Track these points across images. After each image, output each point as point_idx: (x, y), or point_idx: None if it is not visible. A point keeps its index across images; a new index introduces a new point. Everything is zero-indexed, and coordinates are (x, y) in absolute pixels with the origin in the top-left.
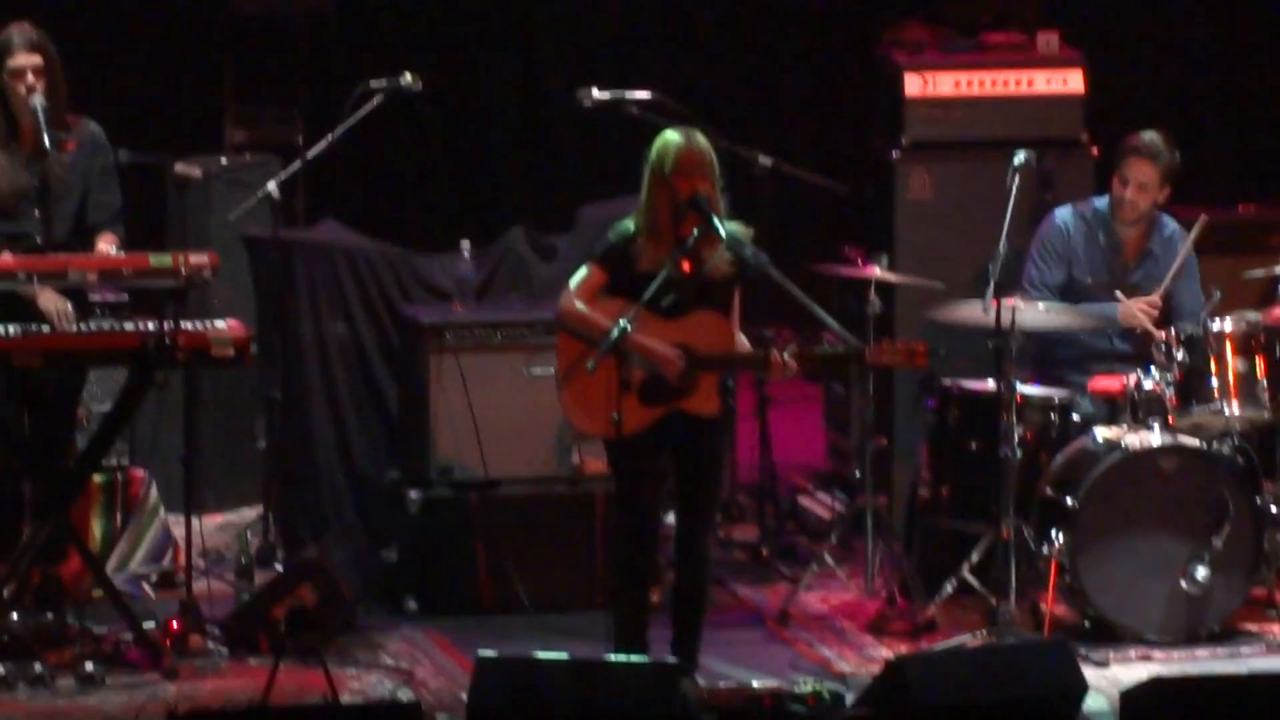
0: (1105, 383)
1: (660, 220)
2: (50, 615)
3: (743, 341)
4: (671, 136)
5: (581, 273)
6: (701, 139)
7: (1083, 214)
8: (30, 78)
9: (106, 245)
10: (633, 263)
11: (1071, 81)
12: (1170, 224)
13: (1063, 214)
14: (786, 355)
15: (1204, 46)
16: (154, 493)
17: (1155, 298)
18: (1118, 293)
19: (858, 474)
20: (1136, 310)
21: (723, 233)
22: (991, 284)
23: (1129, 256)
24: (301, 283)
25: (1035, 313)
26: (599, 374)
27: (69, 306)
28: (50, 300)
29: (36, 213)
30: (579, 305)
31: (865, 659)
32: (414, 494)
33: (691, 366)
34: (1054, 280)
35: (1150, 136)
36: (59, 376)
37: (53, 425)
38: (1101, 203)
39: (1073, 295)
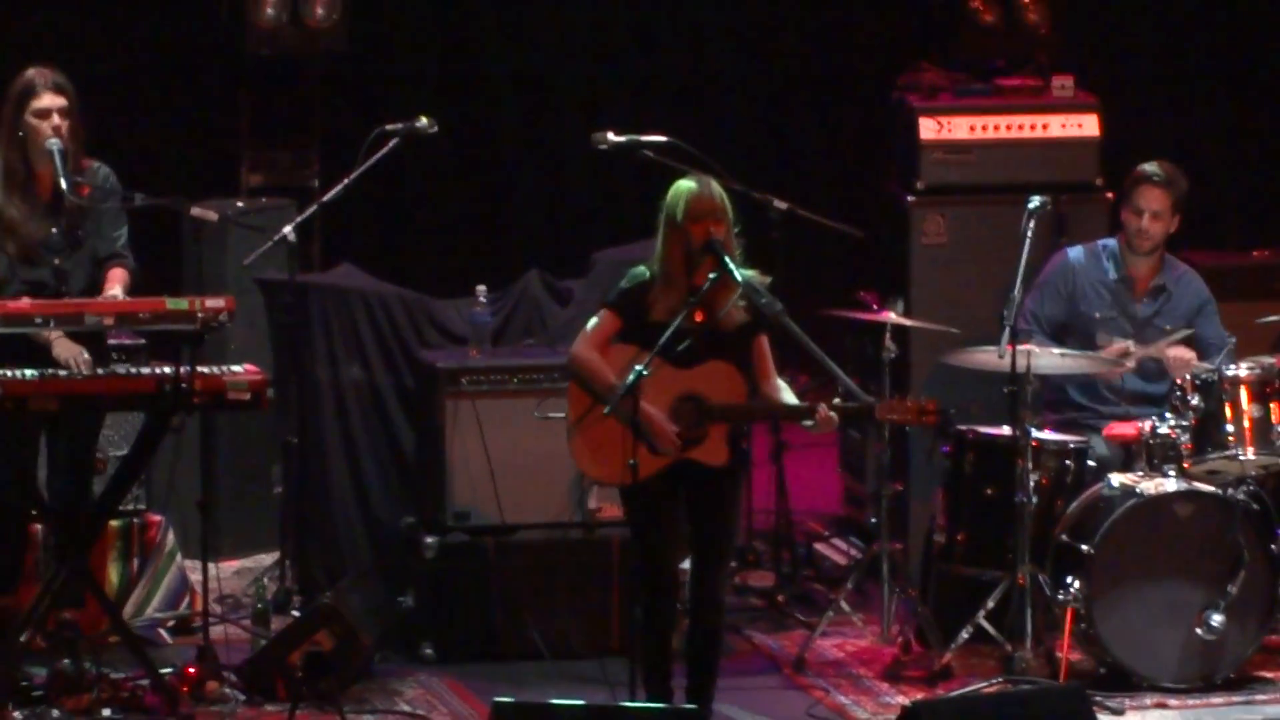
0: (1120, 428)
1: (674, 268)
2: (67, 661)
3: (783, 389)
4: (685, 183)
5: (595, 320)
6: (716, 186)
7: (1093, 250)
8: (56, 119)
9: (119, 284)
10: (647, 310)
11: (1087, 125)
12: (1179, 263)
13: (1074, 251)
14: (829, 409)
15: (1218, 92)
16: (171, 538)
17: (1126, 344)
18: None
19: (873, 520)
20: (1117, 351)
21: (738, 277)
22: (1007, 329)
23: (1140, 291)
24: (317, 327)
25: (1049, 357)
26: (611, 420)
27: (84, 353)
28: (65, 348)
29: (56, 260)
30: (589, 355)
31: (881, 705)
32: (430, 540)
33: (702, 416)
34: (1050, 314)
35: (1157, 164)
36: (76, 421)
37: (70, 470)
38: (1111, 241)
39: (1079, 331)
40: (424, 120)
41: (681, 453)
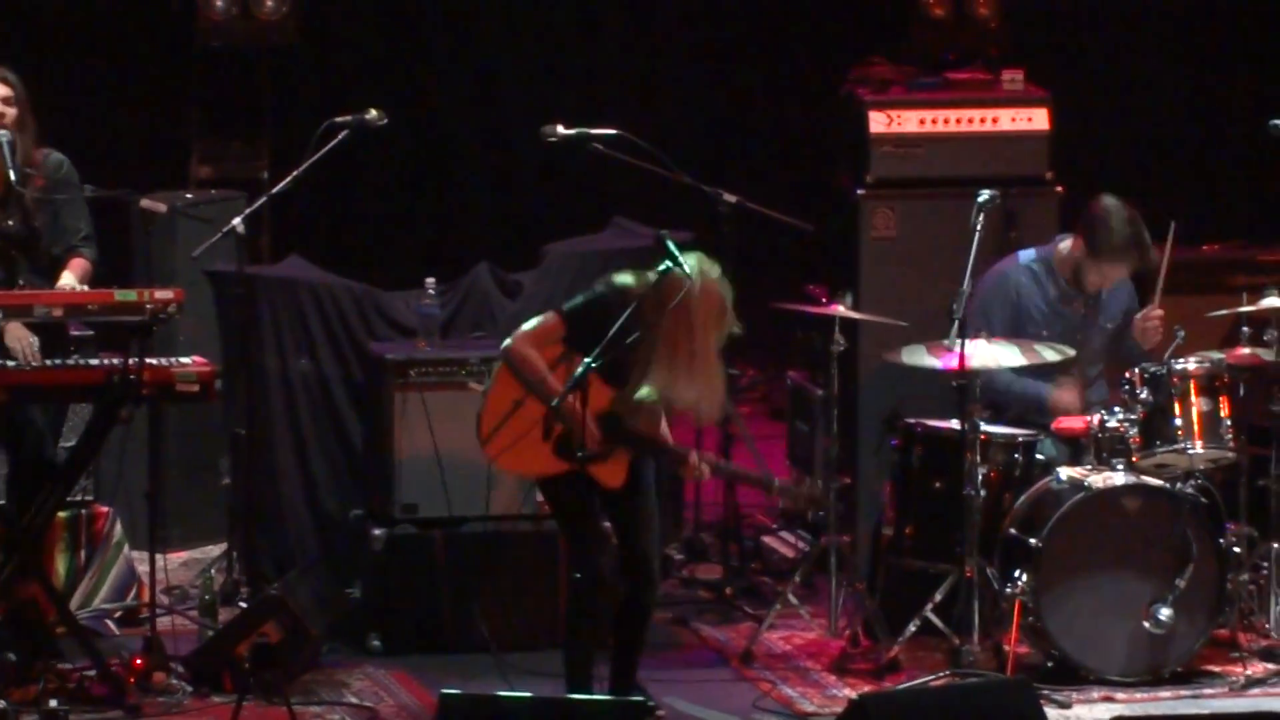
0: (1069, 422)
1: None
2: (12, 655)
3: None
4: (713, 282)
5: (540, 320)
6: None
7: (1031, 268)
8: (0, 108)
9: (73, 274)
10: (597, 330)
11: (1037, 119)
12: None
13: (1011, 270)
14: (704, 462)
15: (1169, 87)
16: (118, 529)
17: (1074, 393)
18: (1052, 387)
19: (821, 513)
20: (1066, 400)
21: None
22: (955, 323)
23: (1080, 302)
24: (266, 318)
25: (994, 357)
26: (531, 414)
27: (34, 342)
28: (15, 337)
29: (13, 252)
30: (529, 352)
31: (828, 699)
32: (377, 532)
33: (610, 436)
34: (999, 333)
35: (1138, 248)
36: (40, 413)
37: (29, 461)
38: (1049, 255)
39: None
40: (374, 113)
41: (582, 466)
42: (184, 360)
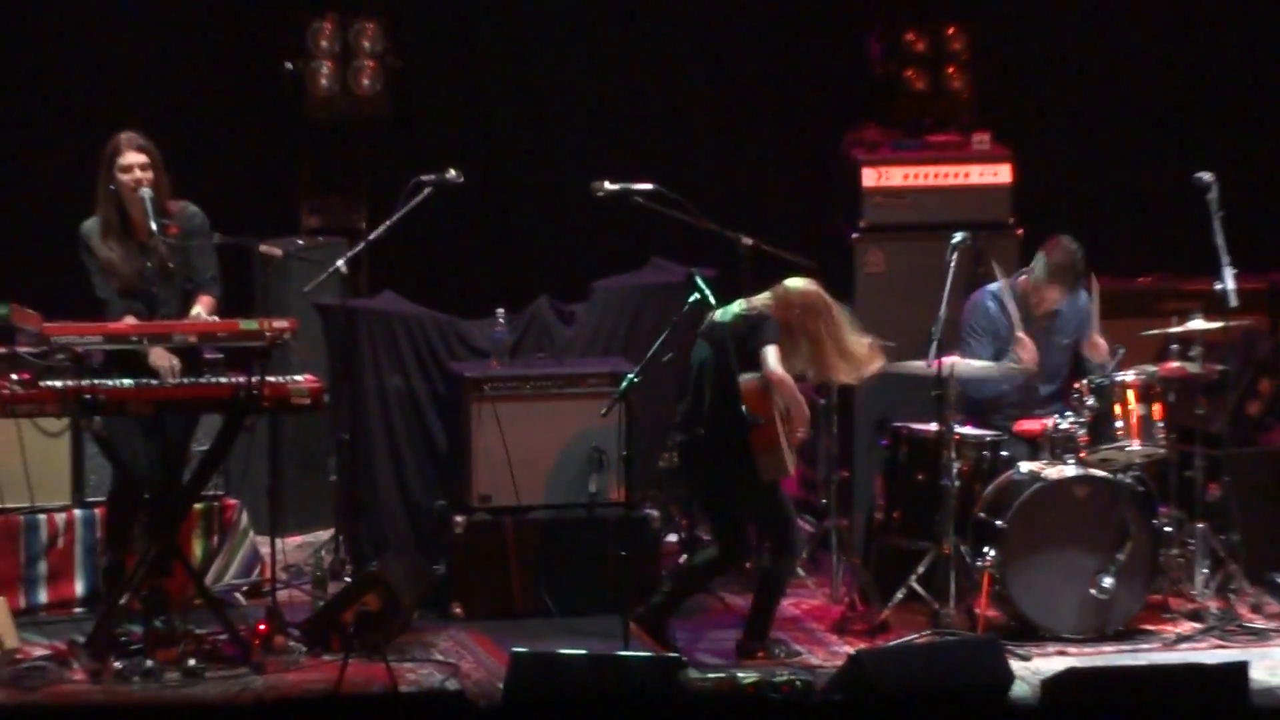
0: (1028, 425)
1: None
2: (159, 621)
3: None
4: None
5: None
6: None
7: (998, 295)
8: (138, 173)
9: (203, 307)
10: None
11: (1001, 174)
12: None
13: (982, 298)
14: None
15: (1111, 146)
16: (244, 518)
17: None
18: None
19: (824, 501)
20: (1027, 351)
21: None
22: (934, 343)
23: (1037, 323)
24: (365, 343)
25: (968, 366)
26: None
27: (176, 363)
28: (161, 358)
29: (152, 289)
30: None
31: (831, 654)
32: (458, 518)
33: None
34: (986, 354)
35: (1053, 260)
36: (172, 423)
37: (170, 462)
38: (1011, 284)
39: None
40: (453, 172)
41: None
42: (297, 378)
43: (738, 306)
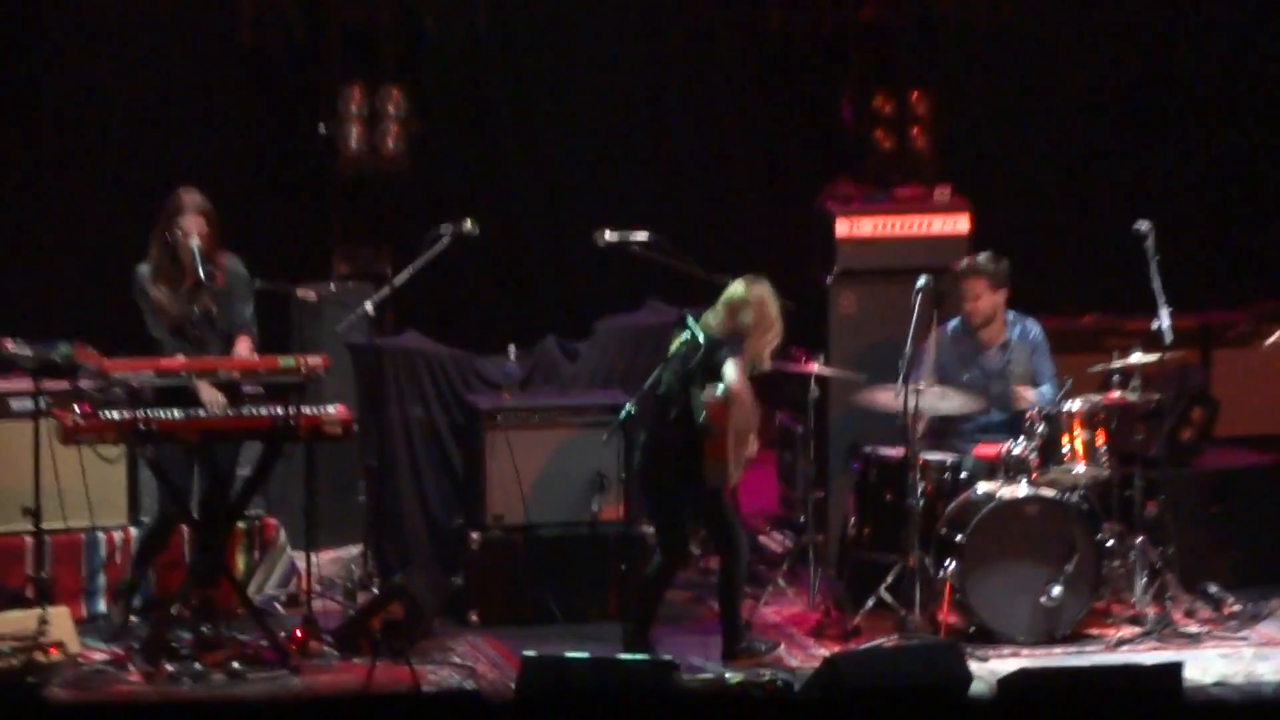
0: (986, 449)
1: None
2: (206, 628)
3: None
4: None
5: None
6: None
7: (954, 331)
8: (193, 228)
9: (243, 346)
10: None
11: (960, 223)
12: (1021, 318)
13: (941, 335)
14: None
15: (1056, 196)
16: (283, 535)
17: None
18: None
19: (802, 518)
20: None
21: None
22: (901, 376)
23: (990, 350)
24: (390, 378)
25: (933, 399)
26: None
27: (220, 396)
28: (208, 391)
29: (197, 331)
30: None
31: (809, 656)
32: (474, 535)
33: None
34: (938, 379)
35: (969, 258)
36: (217, 450)
37: (218, 486)
38: (965, 320)
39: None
40: (469, 223)
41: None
42: (330, 410)
43: (706, 323)
